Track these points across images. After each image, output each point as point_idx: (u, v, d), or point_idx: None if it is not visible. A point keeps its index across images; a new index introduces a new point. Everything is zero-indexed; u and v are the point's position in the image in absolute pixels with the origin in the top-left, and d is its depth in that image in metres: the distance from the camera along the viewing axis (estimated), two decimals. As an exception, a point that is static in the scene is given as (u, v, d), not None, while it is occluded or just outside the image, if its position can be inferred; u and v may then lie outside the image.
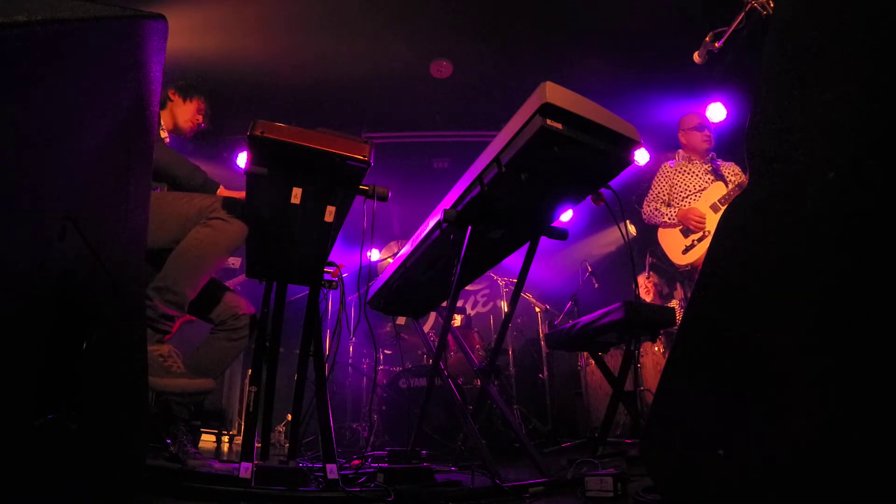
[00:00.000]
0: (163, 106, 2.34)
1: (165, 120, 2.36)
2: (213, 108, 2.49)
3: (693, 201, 3.35)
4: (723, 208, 3.07)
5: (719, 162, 3.42)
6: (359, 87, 4.45)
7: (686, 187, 3.38)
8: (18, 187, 0.47)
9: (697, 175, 3.39)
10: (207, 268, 1.83)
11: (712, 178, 3.34)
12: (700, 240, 3.24)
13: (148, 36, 0.75)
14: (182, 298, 1.76)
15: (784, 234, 0.79)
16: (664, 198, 3.48)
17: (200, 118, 2.42)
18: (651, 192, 3.57)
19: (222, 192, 2.07)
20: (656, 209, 3.48)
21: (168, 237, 1.82)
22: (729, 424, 0.81)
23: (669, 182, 3.49)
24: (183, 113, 2.36)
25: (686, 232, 3.34)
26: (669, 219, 3.39)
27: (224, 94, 4.16)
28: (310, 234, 1.57)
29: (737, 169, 3.41)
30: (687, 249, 3.33)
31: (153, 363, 1.67)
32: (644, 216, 3.59)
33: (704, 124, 3.46)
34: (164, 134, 2.32)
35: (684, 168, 3.45)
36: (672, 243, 3.41)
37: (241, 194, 2.08)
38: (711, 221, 3.21)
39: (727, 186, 3.25)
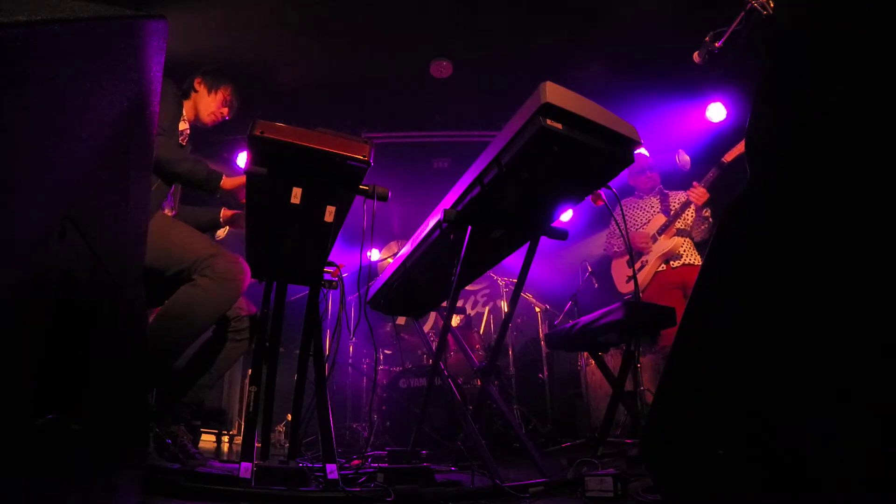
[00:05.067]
0: (186, 95, 2.26)
1: (187, 110, 2.26)
2: (240, 97, 2.35)
3: (642, 230, 3.81)
4: (660, 238, 3.66)
5: (668, 192, 3.85)
6: (359, 87, 4.45)
7: (636, 221, 3.84)
8: (18, 187, 0.47)
9: (645, 209, 3.86)
10: (194, 332, 1.83)
11: (658, 209, 3.80)
12: (639, 269, 3.73)
13: (148, 36, 0.75)
14: (164, 363, 1.77)
15: (784, 233, 0.79)
16: (619, 232, 3.92)
17: (225, 111, 2.32)
18: (610, 227, 4.06)
19: (226, 182, 2.03)
20: (610, 242, 3.96)
21: (160, 261, 1.81)
22: (729, 424, 0.81)
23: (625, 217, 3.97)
24: (207, 105, 2.27)
25: (630, 263, 3.78)
26: (618, 248, 3.89)
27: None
28: (310, 234, 1.57)
29: (683, 195, 3.78)
30: (629, 279, 3.80)
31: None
32: (605, 251, 4.08)
33: (645, 167, 3.88)
34: (184, 125, 2.22)
35: (636, 204, 3.88)
36: (619, 273, 3.92)
37: (242, 181, 2.05)
38: (652, 251, 3.72)
39: (666, 217, 3.70)
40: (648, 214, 3.80)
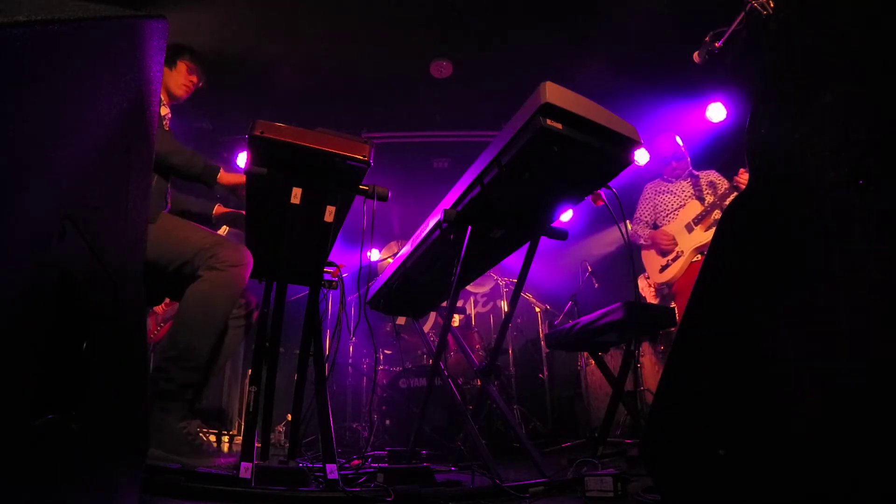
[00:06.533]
0: None
1: (161, 94, 2.23)
2: (202, 62, 2.34)
3: (671, 220, 3.52)
4: (696, 228, 3.38)
5: (698, 174, 3.60)
6: (359, 87, 4.45)
7: (666, 206, 3.57)
8: (18, 187, 0.47)
9: (676, 193, 3.56)
10: (216, 324, 1.81)
11: (691, 195, 3.51)
12: (674, 259, 3.43)
13: (148, 36, 0.75)
14: (199, 362, 1.75)
15: (784, 233, 0.79)
16: (647, 220, 3.71)
17: (194, 78, 2.31)
18: (635, 214, 3.80)
19: (223, 176, 2.01)
20: (635, 232, 3.70)
21: (160, 255, 1.79)
22: (729, 424, 0.81)
23: (652, 203, 3.69)
24: (174, 79, 2.26)
25: (663, 252, 3.54)
26: (644, 241, 3.61)
27: (224, 93, 4.17)
28: (310, 234, 1.57)
29: (714, 176, 3.57)
30: (663, 268, 3.52)
31: (183, 442, 1.64)
32: (631, 238, 3.80)
33: (671, 157, 3.62)
34: (165, 110, 2.20)
35: (664, 188, 3.63)
36: (651, 262, 3.63)
37: (241, 178, 2.00)
38: (685, 241, 3.42)
39: (702, 205, 3.41)
40: (680, 199, 3.51)
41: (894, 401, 0.62)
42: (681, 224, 3.45)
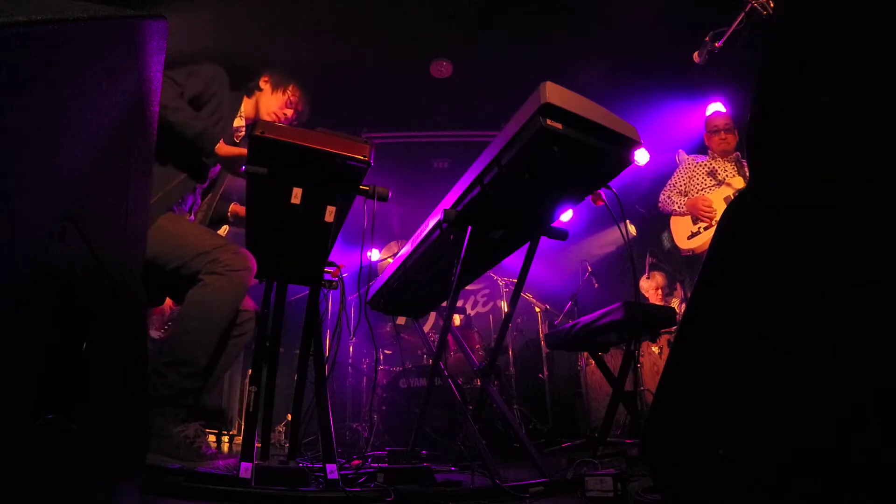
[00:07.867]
0: (250, 93, 2.17)
1: (248, 108, 2.16)
2: (312, 103, 2.22)
3: (710, 192, 3.35)
4: None
5: (745, 162, 3.38)
6: (359, 87, 4.45)
7: (703, 181, 3.41)
8: (18, 187, 0.47)
9: (717, 171, 3.40)
10: (216, 329, 1.79)
11: (733, 173, 3.35)
12: (706, 228, 3.29)
13: (148, 36, 0.75)
14: (199, 368, 1.73)
15: (784, 232, 0.79)
16: (681, 188, 3.52)
17: (289, 112, 2.20)
18: (670, 181, 3.62)
19: (221, 148, 1.88)
20: (669, 197, 3.54)
21: (160, 257, 1.77)
22: (729, 424, 0.81)
23: (689, 174, 3.51)
24: (269, 103, 2.17)
25: (696, 219, 3.39)
26: (679, 207, 3.44)
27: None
28: (310, 234, 1.57)
29: None
30: (692, 235, 3.38)
31: (182, 447, 1.63)
32: (659, 204, 3.64)
33: (720, 127, 3.48)
34: (239, 122, 2.11)
35: (707, 165, 3.47)
36: (680, 228, 3.48)
37: (241, 151, 1.91)
38: (720, 213, 3.18)
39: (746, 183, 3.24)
40: (722, 176, 3.34)
41: (894, 400, 0.62)
42: (720, 196, 3.31)
